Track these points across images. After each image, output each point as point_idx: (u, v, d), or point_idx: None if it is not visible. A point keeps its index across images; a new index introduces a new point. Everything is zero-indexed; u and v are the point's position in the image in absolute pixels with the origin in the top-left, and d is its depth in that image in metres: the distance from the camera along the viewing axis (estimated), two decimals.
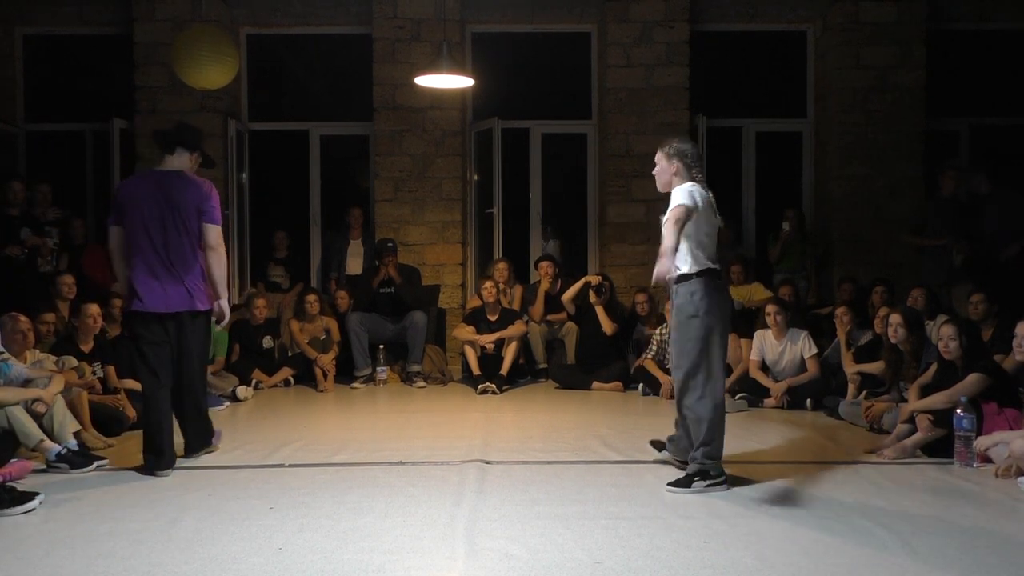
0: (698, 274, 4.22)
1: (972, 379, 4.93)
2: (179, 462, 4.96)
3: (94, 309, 6.05)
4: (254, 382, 7.51)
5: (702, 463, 4.25)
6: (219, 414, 6.58)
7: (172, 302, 4.72)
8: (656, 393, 7.18)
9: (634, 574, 3.21)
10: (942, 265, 7.68)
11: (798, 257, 8.64)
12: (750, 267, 8.53)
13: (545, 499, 4.17)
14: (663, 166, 4.42)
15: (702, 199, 4.23)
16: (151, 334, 4.74)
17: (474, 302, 8.42)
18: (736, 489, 4.31)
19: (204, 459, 5.07)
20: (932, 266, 7.76)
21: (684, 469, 4.38)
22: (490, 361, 7.79)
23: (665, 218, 4.15)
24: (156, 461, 4.69)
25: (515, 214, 9.29)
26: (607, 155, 9.00)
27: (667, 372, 7.24)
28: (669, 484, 4.28)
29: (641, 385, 7.36)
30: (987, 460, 4.64)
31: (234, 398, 7.06)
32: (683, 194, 4.18)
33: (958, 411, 4.71)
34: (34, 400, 4.86)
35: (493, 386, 7.44)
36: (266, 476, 4.65)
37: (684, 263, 4.23)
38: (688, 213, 4.10)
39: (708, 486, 4.22)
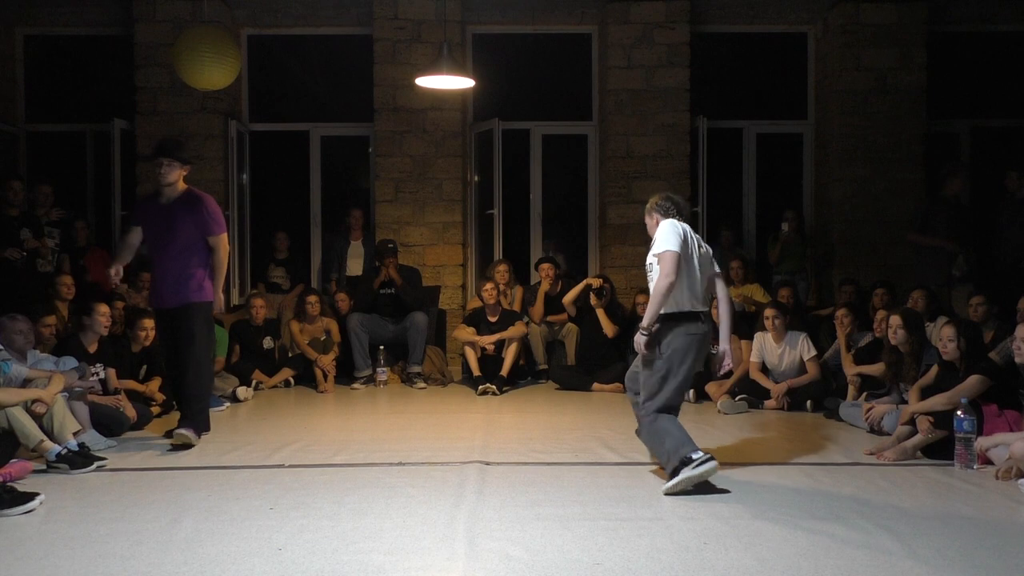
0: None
1: (972, 381, 4.93)
2: (180, 462, 4.98)
3: (105, 309, 6.06)
4: (254, 383, 7.51)
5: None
6: (219, 415, 6.59)
7: None
8: None
9: (634, 575, 3.21)
10: (942, 267, 7.65)
11: (798, 259, 8.64)
12: (749, 267, 8.53)
13: (545, 500, 4.17)
14: (649, 223, 4.64)
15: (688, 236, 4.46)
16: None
17: (474, 303, 8.42)
18: (736, 490, 4.30)
19: (204, 460, 5.08)
20: (930, 268, 7.74)
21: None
22: (490, 362, 7.79)
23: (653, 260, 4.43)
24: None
25: (515, 215, 9.30)
26: (608, 156, 9.00)
27: None
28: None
29: None
30: (987, 462, 4.64)
31: (234, 399, 7.07)
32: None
33: (958, 413, 4.71)
34: (34, 400, 4.86)
35: (493, 387, 7.44)
36: (266, 477, 4.65)
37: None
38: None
39: (696, 466, 4.17)
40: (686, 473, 4.16)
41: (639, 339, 4.37)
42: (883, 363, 5.93)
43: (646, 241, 8.87)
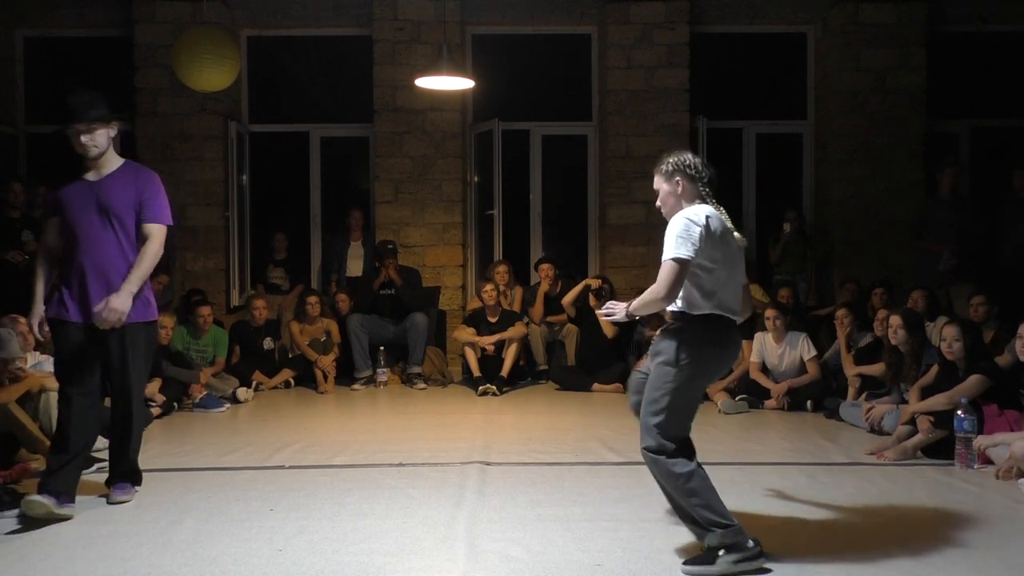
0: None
1: (973, 380, 4.94)
2: (180, 463, 4.98)
3: None
4: (254, 384, 7.51)
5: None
6: (220, 416, 6.60)
7: None
8: None
9: None
10: (934, 267, 7.65)
11: (799, 259, 8.63)
12: (750, 267, 8.52)
13: (545, 501, 4.17)
14: (665, 189, 3.53)
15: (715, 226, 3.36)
16: None
17: (474, 304, 8.42)
18: (736, 491, 4.30)
19: (204, 461, 5.08)
20: (925, 268, 7.75)
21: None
22: (490, 363, 7.79)
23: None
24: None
25: (515, 216, 9.29)
26: (607, 157, 9.00)
27: None
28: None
29: None
30: (988, 461, 4.64)
31: (234, 400, 7.07)
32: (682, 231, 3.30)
33: (959, 412, 4.72)
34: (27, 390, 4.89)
35: (493, 388, 7.44)
36: (266, 478, 4.65)
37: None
38: (685, 268, 3.28)
39: (738, 561, 3.23)
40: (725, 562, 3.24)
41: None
42: (883, 363, 5.93)
43: (646, 241, 8.95)
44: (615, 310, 3.62)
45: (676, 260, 3.29)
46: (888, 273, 8.07)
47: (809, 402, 6.60)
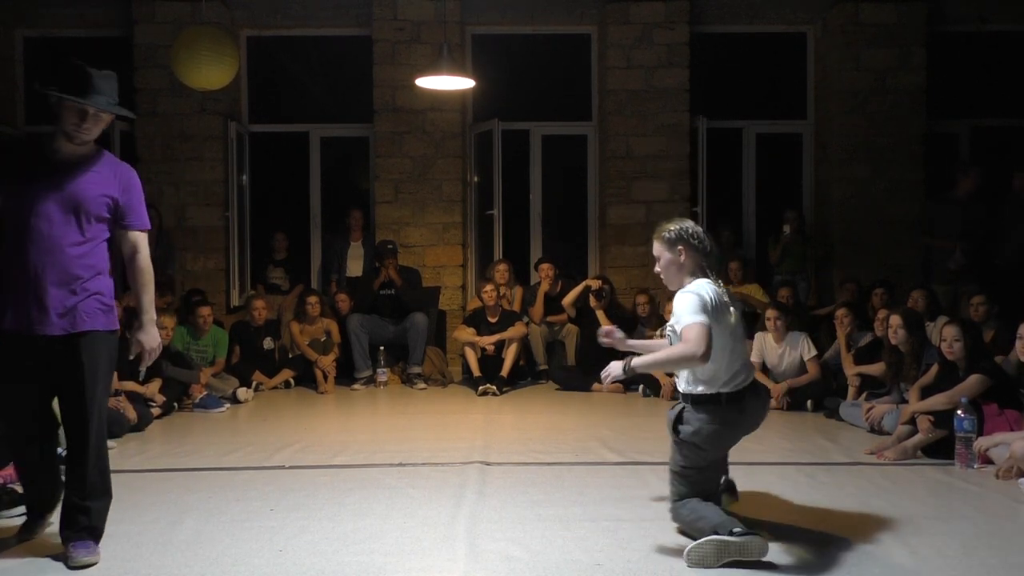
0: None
1: (973, 380, 4.94)
2: (180, 463, 4.98)
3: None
4: (254, 384, 7.51)
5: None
6: (220, 416, 6.61)
7: None
8: (657, 394, 7.19)
9: None
10: (943, 265, 7.65)
11: (799, 259, 8.64)
12: (749, 267, 8.54)
13: (546, 501, 4.17)
14: (667, 257, 3.62)
15: (715, 302, 3.47)
16: None
17: (474, 304, 8.43)
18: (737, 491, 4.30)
19: (204, 461, 5.07)
20: (935, 266, 7.75)
21: None
22: (490, 363, 7.79)
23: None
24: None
25: (515, 216, 9.29)
26: (607, 157, 9.00)
27: (667, 374, 7.25)
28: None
29: (642, 386, 7.36)
30: (988, 461, 4.65)
31: (234, 400, 7.07)
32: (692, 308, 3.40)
33: (959, 412, 4.72)
34: None
35: (493, 387, 7.44)
36: (267, 478, 4.65)
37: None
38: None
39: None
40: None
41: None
42: (883, 363, 5.93)
43: (646, 241, 8.89)
44: (613, 368, 3.85)
45: (700, 323, 3.38)
46: (888, 273, 8.08)
47: (809, 402, 6.60)
